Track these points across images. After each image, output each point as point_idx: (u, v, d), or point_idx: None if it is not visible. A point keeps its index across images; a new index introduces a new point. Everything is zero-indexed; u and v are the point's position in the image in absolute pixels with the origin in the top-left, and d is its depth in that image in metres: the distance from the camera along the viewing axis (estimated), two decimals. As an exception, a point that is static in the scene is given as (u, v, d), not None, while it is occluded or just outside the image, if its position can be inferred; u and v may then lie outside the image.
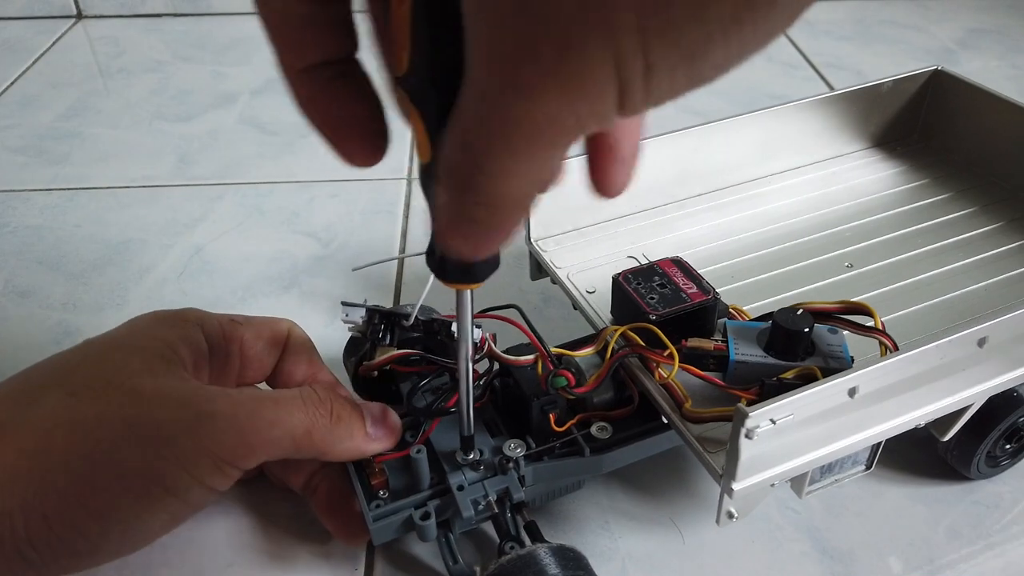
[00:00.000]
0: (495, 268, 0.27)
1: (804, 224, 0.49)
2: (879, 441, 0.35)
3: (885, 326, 0.36)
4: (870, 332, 0.35)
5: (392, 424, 0.36)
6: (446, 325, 0.39)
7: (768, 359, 0.35)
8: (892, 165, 0.54)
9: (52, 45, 0.92)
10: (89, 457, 0.30)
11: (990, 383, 0.36)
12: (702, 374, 0.35)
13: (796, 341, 0.34)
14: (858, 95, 0.53)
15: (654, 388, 0.36)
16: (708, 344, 0.35)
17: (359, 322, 0.38)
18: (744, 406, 0.29)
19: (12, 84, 0.84)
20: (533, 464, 0.36)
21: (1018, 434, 0.40)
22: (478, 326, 0.37)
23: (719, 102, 0.80)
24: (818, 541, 0.39)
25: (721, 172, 0.51)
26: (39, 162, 0.71)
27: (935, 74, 0.54)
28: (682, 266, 0.40)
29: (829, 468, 0.35)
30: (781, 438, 0.31)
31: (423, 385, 0.38)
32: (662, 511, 0.41)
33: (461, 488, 0.35)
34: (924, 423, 0.35)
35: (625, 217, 0.49)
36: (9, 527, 0.29)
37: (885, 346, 0.35)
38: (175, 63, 0.89)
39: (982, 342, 0.33)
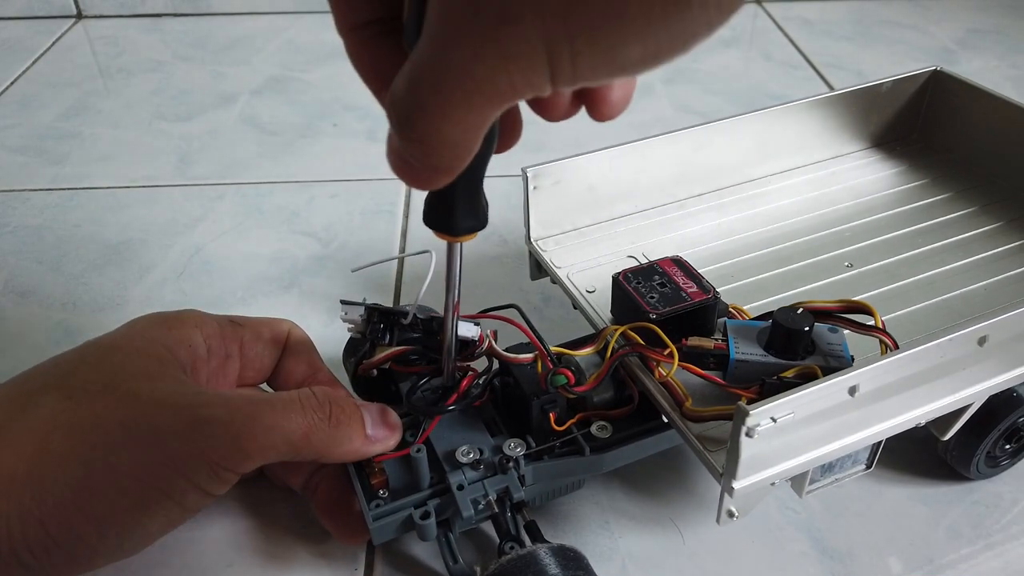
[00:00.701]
0: (475, 227, 0.29)
1: (804, 224, 0.49)
2: (879, 440, 0.35)
3: (885, 325, 0.36)
4: (870, 331, 0.35)
5: (392, 425, 0.36)
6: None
7: (768, 358, 0.35)
8: (892, 165, 0.54)
9: (52, 45, 0.92)
10: (86, 461, 0.30)
11: (990, 382, 0.36)
12: (702, 373, 0.35)
13: (796, 340, 0.34)
14: (858, 95, 0.53)
15: (654, 387, 0.36)
16: (708, 343, 0.35)
17: (358, 320, 0.38)
18: (745, 404, 0.29)
19: (12, 84, 0.84)
20: (533, 463, 0.36)
21: (1018, 434, 0.40)
22: (477, 324, 0.37)
23: (719, 102, 0.80)
24: (818, 541, 0.39)
25: (721, 172, 0.51)
26: (39, 162, 0.71)
27: (935, 74, 0.54)
28: (682, 265, 0.40)
29: (829, 467, 0.35)
30: (781, 437, 0.31)
31: (422, 384, 0.38)
32: (662, 511, 0.41)
33: (461, 487, 0.35)
34: (924, 422, 0.35)
35: (625, 217, 0.49)
36: (6, 531, 0.29)
37: (885, 345, 0.35)
38: (175, 63, 0.89)
39: (982, 341, 0.33)
